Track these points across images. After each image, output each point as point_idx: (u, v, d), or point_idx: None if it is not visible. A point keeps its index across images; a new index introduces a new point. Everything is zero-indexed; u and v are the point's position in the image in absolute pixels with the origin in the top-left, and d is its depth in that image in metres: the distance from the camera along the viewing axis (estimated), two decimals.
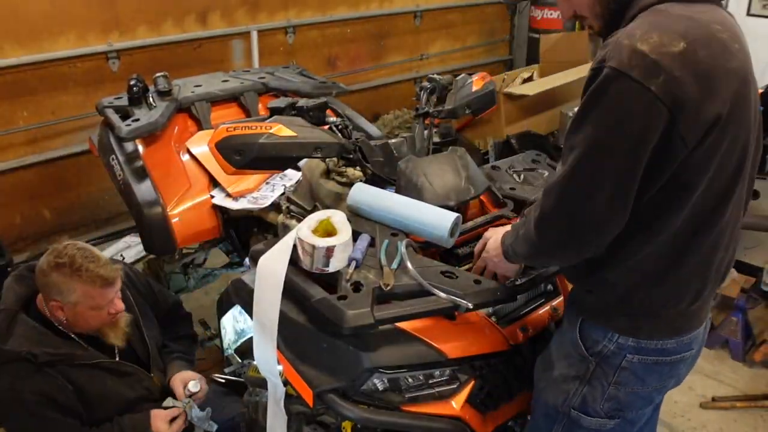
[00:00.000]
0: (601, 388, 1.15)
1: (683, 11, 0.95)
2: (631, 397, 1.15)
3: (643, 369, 1.12)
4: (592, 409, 1.17)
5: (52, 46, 2.95)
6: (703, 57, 0.91)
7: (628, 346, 1.11)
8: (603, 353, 1.13)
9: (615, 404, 1.16)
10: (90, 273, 1.48)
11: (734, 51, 0.95)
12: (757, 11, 3.89)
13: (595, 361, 1.14)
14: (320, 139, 1.49)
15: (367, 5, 4.16)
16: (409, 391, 1.25)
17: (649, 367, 1.12)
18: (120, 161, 2.21)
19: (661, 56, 0.88)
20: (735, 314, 2.50)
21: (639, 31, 0.92)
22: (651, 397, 1.18)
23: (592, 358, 1.14)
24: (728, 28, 0.97)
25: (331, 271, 1.26)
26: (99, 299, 1.51)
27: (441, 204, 1.43)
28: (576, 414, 1.18)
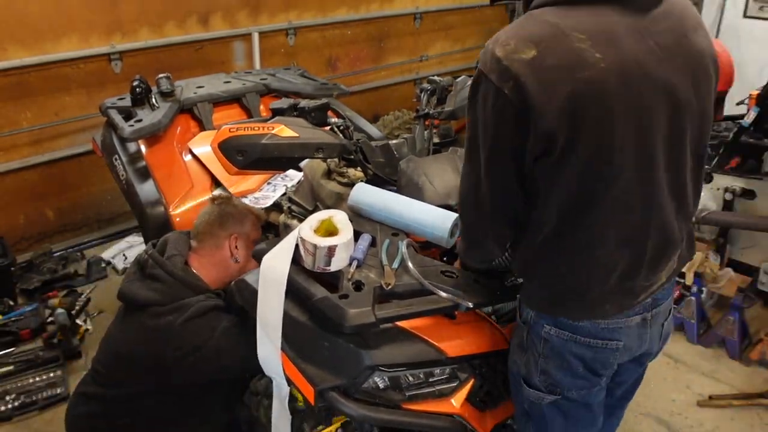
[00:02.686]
0: (534, 358, 1.20)
1: (552, 17, 0.99)
2: (561, 374, 1.18)
3: (561, 344, 1.16)
4: (532, 380, 1.22)
5: (56, 47, 2.97)
6: (550, 65, 0.95)
7: (544, 316, 1.17)
8: (529, 321, 1.20)
9: (548, 378, 1.19)
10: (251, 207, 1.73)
11: (592, 60, 0.95)
12: (753, 13, 3.91)
13: (527, 330, 1.20)
14: (322, 139, 1.51)
15: (368, 7, 4.17)
16: (410, 389, 1.25)
17: (566, 343, 1.15)
18: (123, 161, 2.23)
19: (511, 62, 0.96)
20: (731, 313, 2.51)
21: (503, 36, 1.00)
22: (585, 376, 1.18)
23: (524, 325, 1.22)
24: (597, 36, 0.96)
25: (333, 270, 1.27)
26: (259, 230, 1.71)
27: (441, 204, 1.45)
28: (524, 385, 1.23)
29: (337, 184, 1.67)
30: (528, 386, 1.22)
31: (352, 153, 1.57)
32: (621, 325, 1.16)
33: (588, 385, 1.20)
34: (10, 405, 2.22)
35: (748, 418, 2.24)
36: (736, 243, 2.69)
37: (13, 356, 2.44)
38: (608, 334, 1.15)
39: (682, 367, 2.49)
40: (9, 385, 2.30)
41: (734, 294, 2.50)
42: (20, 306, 2.73)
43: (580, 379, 1.19)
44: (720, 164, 2.60)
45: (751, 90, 2.54)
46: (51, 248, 3.17)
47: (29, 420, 2.21)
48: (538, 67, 0.95)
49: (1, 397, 2.24)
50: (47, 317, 2.62)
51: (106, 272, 3.08)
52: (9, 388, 2.29)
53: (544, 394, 1.21)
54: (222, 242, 1.63)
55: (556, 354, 1.17)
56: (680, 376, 2.45)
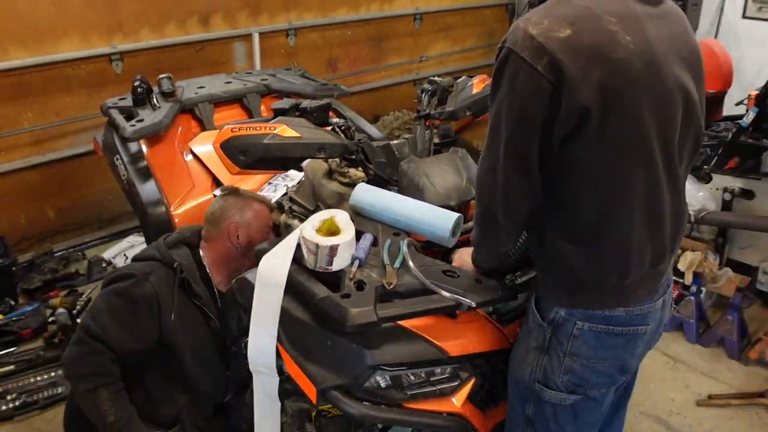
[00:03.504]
0: (558, 359, 1.18)
1: (584, 1, 1.02)
2: (588, 372, 1.17)
3: (594, 338, 1.15)
4: (552, 381, 1.20)
5: (56, 48, 2.97)
6: (586, 44, 0.98)
7: (576, 312, 1.15)
8: (556, 320, 1.17)
9: (573, 377, 1.18)
10: (257, 197, 1.77)
11: (624, 42, 0.99)
12: (752, 14, 3.92)
13: (551, 329, 1.18)
14: (324, 139, 1.51)
15: (368, 7, 4.18)
16: (411, 389, 1.26)
17: (600, 336, 1.15)
18: (124, 161, 2.23)
19: (546, 40, 0.98)
20: (730, 313, 2.52)
21: (535, 16, 1.02)
22: (610, 373, 1.19)
23: (548, 326, 1.19)
24: (625, 20, 1.01)
25: (335, 269, 1.27)
26: (268, 219, 1.75)
27: (442, 204, 1.45)
28: (539, 387, 1.21)
29: (338, 184, 1.68)
30: (546, 388, 1.20)
31: (354, 153, 1.57)
32: (650, 309, 1.17)
33: (610, 383, 1.21)
34: (11, 404, 2.22)
35: (746, 418, 2.24)
36: (734, 243, 2.70)
37: (14, 356, 2.45)
38: (641, 320, 1.16)
39: (681, 367, 2.50)
40: (10, 385, 2.30)
41: (733, 294, 2.51)
42: (21, 306, 2.73)
43: (605, 377, 1.19)
44: (719, 164, 2.61)
45: (750, 90, 2.55)
46: (52, 248, 3.17)
47: (30, 419, 2.21)
48: (574, 46, 0.97)
49: (2, 397, 2.24)
50: (48, 317, 2.62)
51: (107, 272, 3.09)
52: (10, 387, 2.29)
53: (565, 395, 1.20)
54: (223, 231, 1.69)
55: (587, 350, 1.16)
56: (679, 375, 2.45)
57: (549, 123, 1.01)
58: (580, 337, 1.15)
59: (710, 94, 2.58)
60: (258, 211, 1.73)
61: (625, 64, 0.99)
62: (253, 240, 1.70)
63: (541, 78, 0.98)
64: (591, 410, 1.23)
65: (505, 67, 1.03)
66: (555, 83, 0.97)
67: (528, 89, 1.00)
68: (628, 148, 1.04)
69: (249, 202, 1.73)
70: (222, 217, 1.70)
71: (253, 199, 1.75)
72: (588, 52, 0.97)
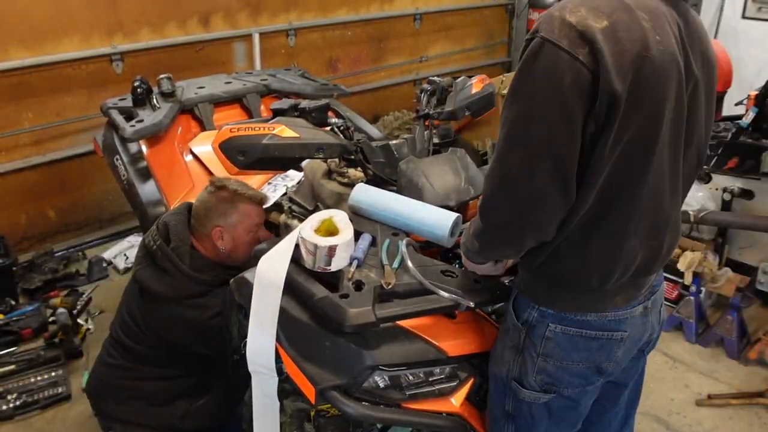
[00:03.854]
0: (531, 359, 1.18)
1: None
2: (561, 372, 1.17)
3: (566, 341, 1.14)
4: (527, 381, 1.20)
5: (57, 48, 2.98)
6: (622, 37, 0.94)
7: (549, 314, 1.14)
8: (530, 321, 1.17)
9: (546, 377, 1.18)
10: (245, 193, 1.71)
11: (653, 41, 0.97)
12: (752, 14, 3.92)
13: (525, 330, 1.18)
14: (323, 140, 1.51)
15: (368, 8, 4.18)
16: (410, 389, 1.26)
17: (572, 339, 1.14)
18: (124, 161, 2.24)
19: (586, 28, 0.93)
20: (730, 313, 2.52)
21: (570, 5, 0.97)
22: (585, 374, 1.18)
23: (522, 326, 1.18)
24: (655, 18, 0.99)
25: (333, 270, 1.27)
26: (255, 217, 1.72)
27: (441, 204, 1.45)
28: (515, 385, 1.22)
29: (337, 184, 1.68)
30: (522, 387, 1.21)
31: (353, 153, 1.57)
32: (627, 316, 1.16)
33: (584, 383, 1.21)
34: (12, 404, 2.23)
35: (746, 417, 2.24)
36: (734, 243, 2.70)
37: (14, 355, 2.46)
38: (615, 325, 1.15)
39: (681, 367, 2.50)
40: (10, 384, 2.31)
41: (733, 294, 2.51)
42: (22, 305, 2.74)
43: (578, 377, 1.19)
44: (718, 164, 2.62)
45: (749, 90, 2.55)
46: (52, 248, 3.18)
47: (31, 419, 2.22)
48: (611, 37, 0.94)
49: (3, 396, 2.25)
50: (49, 317, 2.63)
51: (108, 272, 3.09)
52: (10, 387, 2.30)
53: (539, 394, 1.21)
54: (208, 232, 1.70)
55: (559, 352, 1.16)
56: (679, 375, 2.46)
57: (587, 115, 0.95)
58: (553, 339, 1.15)
59: None
60: (244, 211, 1.70)
61: (655, 65, 0.96)
62: (240, 240, 1.70)
63: (582, 67, 0.92)
64: (566, 409, 1.23)
65: (539, 58, 0.95)
66: (595, 72, 0.93)
67: (568, 80, 0.93)
68: (643, 153, 1.01)
69: (235, 204, 1.69)
70: (206, 218, 1.69)
71: (240, 200, 1.70)
72: (623, 46, 0.94)
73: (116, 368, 1.78)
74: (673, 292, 2.73)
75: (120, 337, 1.77)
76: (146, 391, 1.76)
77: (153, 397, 1.76)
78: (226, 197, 1.69)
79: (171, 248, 1.66)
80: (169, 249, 1.66)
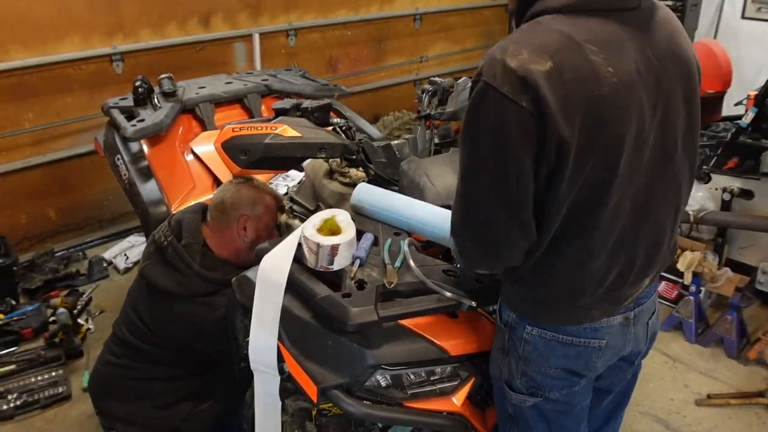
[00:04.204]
0: (515, 361, 1.18)
1: (563, 26, 0.94)
2: (541, 377, 1.17)
3: (543, 344, 1.14)
4: (514, 383, 1.20)
5: (57, 48, 2.98)
6: (568, 79, 0.91)
7: (526, 317, 1.15)
8: (510, 323, 1.18)
9: (529, 381, 1.18)
10: (269, 189, 1.76)
11: (605, 75, 0.93)
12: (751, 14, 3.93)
13: (508, 331, 1.19)
14: (324, 139, 1.52)
15: (368, 8, 4.19)
16: (411, 388, 1.26)
17: (549, 343, 1.14)
18: (125, 161, 2.24)
19: (527, 73, 0.90)
20: (729, 313, 2.53)
21: (512, 46, 0.93)
22: (568, 378, 1.17)
23: (505, 328, 1.20)
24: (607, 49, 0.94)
25: (336, 269, 1.28)
26: (276, 214, 1.74)
27: (443, 204, 1.45)
28: (505, 387, 1.22)
29: (339, 184, 1.68)
30: (510, 389, 1.21)
31: (355, 153, 1.58)
32: (603, 324, 1.16)
33: (568, 385, 1.20)
34: (12, 404, 2.23)
35: (746, 417, 2.25)
36: (734, 243, 2.70)
37: (15, 355, 2.45)
38: (591, 333, 1.15)
39: (681, 367, 2.50)
40: (11, 384, 2.31)
41: (732, 293, 2.52)
42: (22, 305, 2.74)
43: (560, 380, 1.18)
44: (718, 164, 2.62)
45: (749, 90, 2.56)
46: (53, 248, 3.18)
47: (31, 419, 2.22)
48: (556, 80, 0.90)
49: (3, 396, 2.25)
50: (49, 317, 2.63)
51: (108, 272, 3.09)
52: (11, 387, 2.30)
53: (525, 397, 1.20)
54: (231, 222, 1.69)
55: (537, 356, 1.16)
56: (679, 375, 2.46)
57: (534, 157, 0.94)
58: (531, 342, 1.15)
59: (709, 95, 2.59)
60: (269, 205, 1.72)
61: (607, 102, 0.93)
62: (261, 234, 1.70)
63: (526, 114, 0.90)
64: (560, 414, 1.22)
65: (483, 103, 0.93)
66: (539, 118, 0.90)
67: (512, 126, 0.91)
68: (600, 187, 0.99)
69: (262, 196, 1.71)
70: (233, 208, 1.69)
71: (266, 192, 1.74)
72: (569, 89, 0.91)
73: (120, 367, 1.78)
74: (673, 292, 2.74)
75: (124, 335, 1.77)
76: (150, 392, 1.75)
77: (156, 397, 1.75)
78: (253, 188, 1.71)
79: (182, 245, 1.66)
80: (180, 246, 1.65)
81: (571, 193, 0.98)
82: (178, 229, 1.70)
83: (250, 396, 1.76)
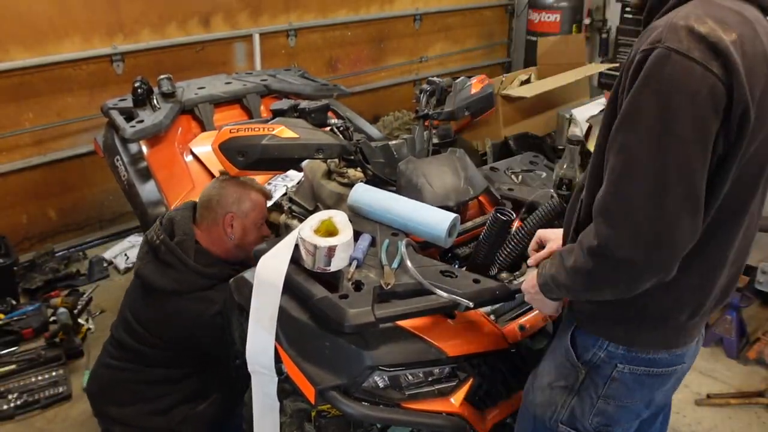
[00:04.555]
0: (590, 400, 1.11)
1: (731, 5, 0.92)
2: (620, 412, 1.11)
3: (633, 380, 1.08)
4: (580, 423, 1.13)
5: (58, 48, 2.98)
6: (748, 52, 0.88)
7: (618, 354, 1.07)
8: (593, 362, 1.09)
9: (603, 419, 1.12)
10: (256, 185, 1.74)
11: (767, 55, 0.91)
12: None
13: (585, 370, 1.10)
14: (322, 140, 1.52)
15: (368, 8, 4.19)
16: (409, 389, 1.26)
17: (639, 378, 1.08)
18: (125, 162, 2.24)
19: (718, 40, 0.85)
20: (729, 312, 2.52)
21: (693, 15, 0.88)
22: (638, 410, 1.14)
23: (582, 366, 1.10)
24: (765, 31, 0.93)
25: (333, 270, 1.28)
26: (262, 209, 1.74)
27: (441, 205, 1.45)
28: (564, 429, 1.15)
29: (337, 184, 1.68)
30: (573, 430, 1.14)
31: (352, 154, 1.58)
32: (690, 347, 1.11)
33: (635, 418, 1.16)
34: (13, 404, 2.23)
35: (745, 417, 2.25)
36: None
37: (15, 355, 2.46)
38: (677, 359, 1.10)
39: None
40: (11, 384, 2.31)
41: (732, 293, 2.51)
42: (23, 305, 2.74)
43: (634, 413, 1.14)
44: None
45: None
46: (53, 248, 3.18)
47: (32, 419, 2.22)
48: (741, 52, 0.86)
49: (4, 396, 2.25)
50: (49, 316, 2.63)
51: (108, 272, 3.10)
52: (11, 386, 2.30)
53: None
54: (218, 219, 1.69)
55: (624, 392, 1.09)
56: None
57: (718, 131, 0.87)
58: (619, 380, 1.08)
59: None
60: (256, 201, 1.72)
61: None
62: (248, 231, 1.70)
63: (717, 81, 0.84)
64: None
65: (666, 70, 0.85)
66: (729, 87, 0.85)
67: (703, 94, 0.84)
68: (757, 172, 0.95)
69: (247, 191, 1.71)
70: (219, 205, 1.69)
71: (252, 188, 1.73)
72: (751, 61, 0.87)
73: (118, 370, 1.78)
74: None
75: (122, 338, 1.77)
76: (147, 394, 1.75)
77: (153, 400, 1.75)
78: (238, 185, 1.71)
79: (175, 242, 1.66)
80: (173, 243, 1.66)
81: (733, 176, 0.91)
82: (170, 226, 1.70)
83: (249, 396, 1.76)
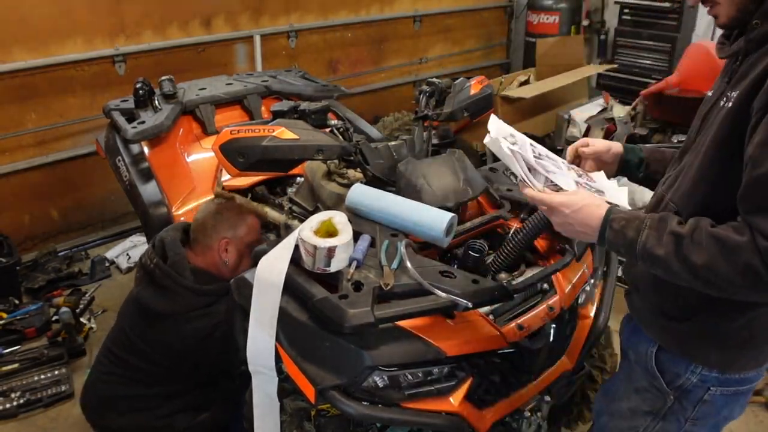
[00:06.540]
0: (677, 424, 1.08)
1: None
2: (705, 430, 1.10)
3: (723, 401, 1.06)
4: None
5: (60, 49, 3.00)
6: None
7: (712, 377, 1.03)
8: (684, 387, 1.06)
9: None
10: (252, 208, 1.74)
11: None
12: None
13: (674, 396, 1.07)
14: (322, 141, 1.52)
15: (368, 10, 4.20)
16: (409, 388, 1.27)
17: (728, 398, 1.06)
18: (126, 162, 2.25)
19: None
20: None
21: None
22: (720, 425, 1.12)
23: (672, 391, 1.07)
24: None
25: (333, 270, 1.28)
26: (258, 234, 1.73)
27: (440, 205, 1.45)
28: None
29: (337, 185, 1.69)
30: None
31: (352, 154, 1.58)
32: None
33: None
34: (15, 402, 2.24)
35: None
36: None
37: (18, 354, 2.47)
38: (762, 372, 1.08)
39: None
40: (14, 383, 2.33)
41: None
42: (25, 305, 2.75)
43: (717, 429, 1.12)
44: None
45: None
46: (56, 248, 3.20)
47: (34, 417, 2.23)
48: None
49: (6, 395, 2.27)
50: (52, 316, 2.65)
51: (110, 271, 3.11)
52: (14, 385, 2.32)
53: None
54: (213, 244, 1.69)
55: (713, 413, 1.07)
56: None
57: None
58: (710, 401, 1.06)
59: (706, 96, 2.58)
60: (251, 225, 1.72)
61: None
62: (243, 255, 1.70)
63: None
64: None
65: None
66: None
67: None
68: None
69: (243, 217, 1.71)
70: (214, 230, 1.69)
71: (248, 213, 1.73)
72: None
73: (117, 384, 1.76)
74: None
75: (122, 354, 1.75)
76: (148, 406, 1.74)
77: (154, 411, 1.74)
78: (235, 208, 1.71)
79: (168, 264, 1.66)
80: (166, 266, 1.65)
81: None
82: (161, 248, 1.70)
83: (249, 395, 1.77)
